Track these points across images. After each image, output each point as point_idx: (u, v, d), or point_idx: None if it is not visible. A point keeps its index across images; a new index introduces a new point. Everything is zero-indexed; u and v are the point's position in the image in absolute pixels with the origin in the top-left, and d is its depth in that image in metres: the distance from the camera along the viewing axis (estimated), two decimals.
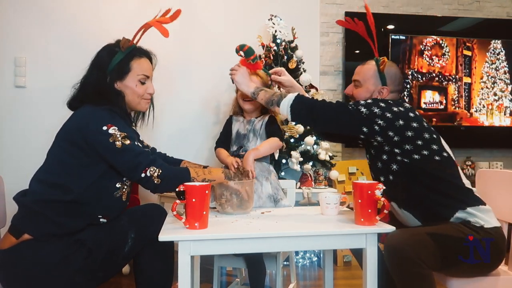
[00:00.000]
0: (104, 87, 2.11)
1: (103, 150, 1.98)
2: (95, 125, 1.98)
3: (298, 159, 3.84)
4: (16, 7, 4.16)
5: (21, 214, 2.01)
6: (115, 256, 2.03)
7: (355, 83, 2.40)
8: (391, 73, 2.34)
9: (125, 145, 1.99)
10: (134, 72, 2.17)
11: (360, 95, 2.35)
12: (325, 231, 1.80)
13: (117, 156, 1.99)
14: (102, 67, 2.14)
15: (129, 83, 2.17)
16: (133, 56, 2.19)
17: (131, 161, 2.00)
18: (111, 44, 2.22)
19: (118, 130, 2.00)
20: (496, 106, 4.87)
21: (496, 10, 5.06)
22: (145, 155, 2.05)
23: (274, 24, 4.10)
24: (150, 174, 2.00)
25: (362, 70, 2.38)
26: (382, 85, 2.31)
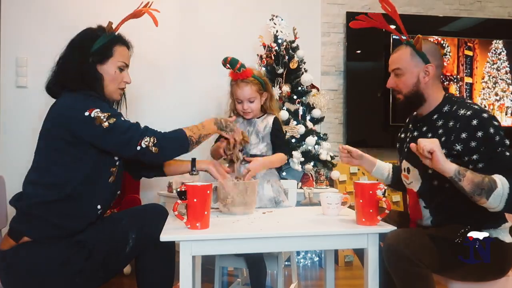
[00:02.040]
0: (86, 69, 2.08)
1: (91, 136, 1.96)
2: (77, 114, 1.95)
3: (300, 159, 3.84)
4: (18, 8, 4.17)
5: (19, 218, 2.00)
6: (116, 256, 2.02)
7: (395, 72, 2.20)
8: (429, 48, 2.21)
9: (112, 124, 1.95)
10: (115, 58, 2.15)
11: (406, 83, 2.15)
12: (327, 231, 1.80)
13: (106, 137, 1.96)
14: (83, 48, 2.12)
15: (109, 68, 2.14)
16: (116, 42, 2.18)
17: (122, 138, 1.97)
18: (92, 27, 2.21)
19: (101, 112, 1.96)
20: (497, 106, 4.87)
21: (498, 10, 5.05)
22: (134, 128, 2.01)
23: (276, 24, 4.10)
24: (146, 145, 1.97)
25: (399, 56, 2.21)
26: (425, 63, 2.13)
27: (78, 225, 2.00)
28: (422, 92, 2.13)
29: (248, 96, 2.52)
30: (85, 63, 2.09)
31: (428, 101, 2.15)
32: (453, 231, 1.95)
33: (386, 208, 1.81)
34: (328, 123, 4.66)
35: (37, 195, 1.97)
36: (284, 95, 3.93)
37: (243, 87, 2.52)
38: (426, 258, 1.81)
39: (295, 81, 4.03)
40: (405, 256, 1.78)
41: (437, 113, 2.12)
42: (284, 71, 3.99)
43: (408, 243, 1.80)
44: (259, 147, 2.55)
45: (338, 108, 4.76)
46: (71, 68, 2.10)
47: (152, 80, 4.36)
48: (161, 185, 4.03)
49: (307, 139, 3.90)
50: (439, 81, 2.19)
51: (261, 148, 2.55)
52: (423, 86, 2.13)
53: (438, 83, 2.18)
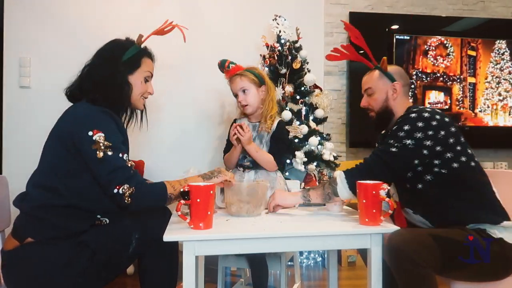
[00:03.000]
0: (117, 78, 2.14)
1: (85, 155, 1.96)
2: (83, 129, 1.96)
3: (302, 159, 3.84)
4: (21, 8, 4.17)
5: (23, 219, 2.00)
6: (119, 257, 2.03)
7: (367, 92, 2.39)
8: (394, 69, 2.37)
9: (106, 156, 1.94)
10: (142, 69, 2.23)
11: (377, 101, 2.35)
12: (330, 231, 1.80)
13: (95, 165, 1.95)
14: (114, 58, 2.16)
15: (137, 79, 2.21)
16: (143, 53, 2.26)
17: (106, 175, 1.95)
18: (121, 39, 2.27)
19: (104, 138, 1.96)
20: (500, 106, 4.86)
21: (501, 10, 5.05)
22: (123, 170, 1.98)
23: (279, 24, 4.10)
24: (122, 192, 1.94)
25: (369, 78, 2.40)
26: (392, 82, 2.32)
27: (81, 226, 2.00)
28: (391, 108, 2.33)
29: (240, 86, 2.59)
30: (117, 72, 2.15)
31: (395, 116, 2.33)
32: (456, 232, 1.95)
33: (389, 208, 1.81)
34: (331, 123, 4.67)
35: (40, 198, 1.98)
36: (287, 95, 3.93)
37: (234, 80, 2.61)
38: (429, 258, 1.81)
39: (298, 81, 4.02)
40: (408, 256, 1.78)
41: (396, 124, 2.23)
42: (287, 71, 3.98)
43: (411, 243, 1.81)
44: None
45: (341, 108, 4.76)
46: (102, 76, 2.13)
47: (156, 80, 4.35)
48: None
49: (310, 139, 3.89)
50: (406, 97, 2.38)
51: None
52: (392, 103, 2.33)
53: (405, 99, 2.37)
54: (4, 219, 2.24)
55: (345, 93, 4.75)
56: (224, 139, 2.76)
